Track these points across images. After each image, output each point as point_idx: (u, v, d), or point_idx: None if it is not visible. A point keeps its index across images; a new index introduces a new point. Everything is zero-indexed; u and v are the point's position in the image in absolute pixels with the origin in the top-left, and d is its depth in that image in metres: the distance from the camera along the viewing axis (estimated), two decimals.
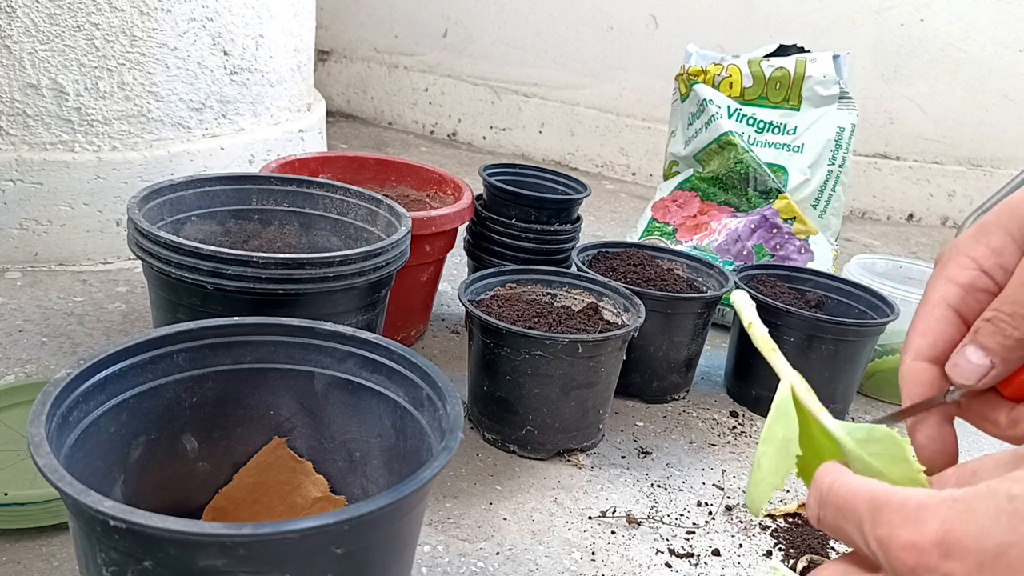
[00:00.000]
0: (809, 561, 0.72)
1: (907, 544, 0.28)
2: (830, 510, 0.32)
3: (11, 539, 0.64)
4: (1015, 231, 0.36)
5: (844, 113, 1.23)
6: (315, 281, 0.68)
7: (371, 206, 0.87)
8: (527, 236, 1.11)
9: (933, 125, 1.95)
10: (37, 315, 0.99)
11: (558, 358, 0.79)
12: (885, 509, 0.29)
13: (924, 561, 0.28)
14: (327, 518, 0.39)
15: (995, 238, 0.37)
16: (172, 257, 0.67)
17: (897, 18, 1.87)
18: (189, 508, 0.59)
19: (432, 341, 1.07)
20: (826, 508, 0.32)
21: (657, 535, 0.75)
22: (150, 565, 0.39)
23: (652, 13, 1.96)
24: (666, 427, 0.94)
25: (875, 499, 0.30)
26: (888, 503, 0.29)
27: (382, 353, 0.58)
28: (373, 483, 0.59)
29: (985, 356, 0.36)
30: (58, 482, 0.39)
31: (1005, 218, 0.36)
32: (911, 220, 2.02)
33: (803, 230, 1.21)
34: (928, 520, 0.28)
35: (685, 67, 1.28)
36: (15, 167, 1.06)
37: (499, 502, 0.77)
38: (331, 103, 2.27)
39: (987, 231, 0.37)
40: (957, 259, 0.38)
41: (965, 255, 0.37)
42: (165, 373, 0.55)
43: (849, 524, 0.31)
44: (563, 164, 2.11)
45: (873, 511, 0.30)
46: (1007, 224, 0.36)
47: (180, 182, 0.81)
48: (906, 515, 0.29)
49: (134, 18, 1.08)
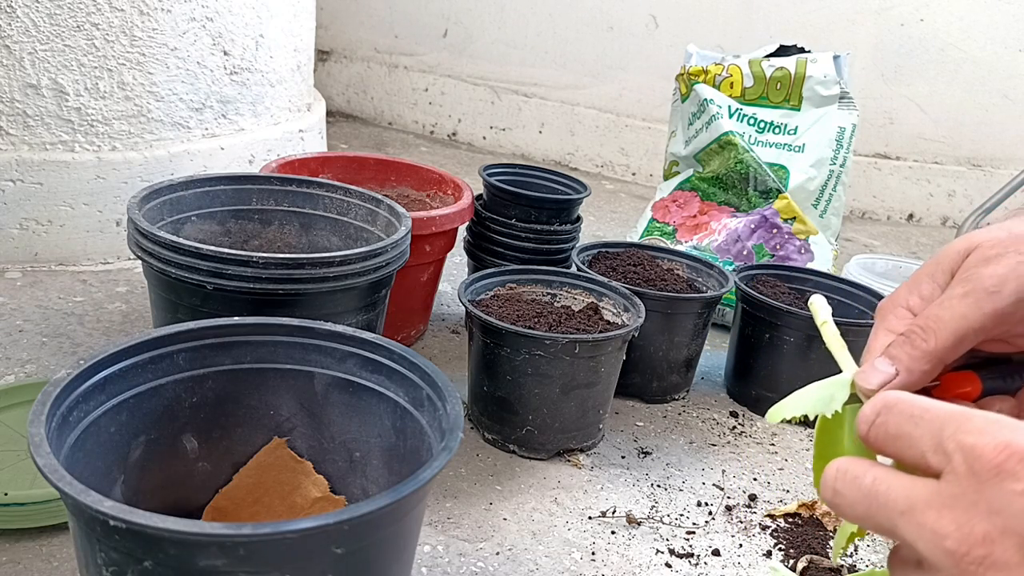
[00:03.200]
0: (809, 561, 0.72)
1: (992, 441, 0.28)
2: (895, 415, 0.32)
3: (11, 539, 0.64)
4: (940, 279, 0.40)
5: (844, 113, 1.23)
6: (315, 281, 0.68)
7: (371, 206, 0.87)
8: (527, 236, 1.11)
9: (933, 125, 1.95)
10: (37, 315, 0.99)
11: (558, 358, 0.79)
12: (973, 419, 0.30)
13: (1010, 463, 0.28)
14: (327, 518, 0.39)
15: (925, 287, 0.40)
16: (172, 257, 0.67)
17: (897, 18, 1.87)
18: (189, 508, 0.59)
19: (432, 341, 1.07)
20: (890, 413, 0.33)
21: (657, 535, 0.75)
22: (150, 565, 0.39)
23: (652, 13, 1.96)
24: (666, 427, 0.94)
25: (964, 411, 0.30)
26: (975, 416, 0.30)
27: (382, 353, 0.58)
28: (373, 483, 0.59)
29: (891, 365, 0.38)
30: (58, 482, 0.39)
31: (932, 267, 0.40)
32: (911, 220, 2.02)
33: (803, 230, 1.21)
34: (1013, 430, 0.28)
35: (685, 67, 1.28)
36: (15, 167, 1.06)
37: (499, 502, 0.77)
38: (331, 103, 2.27)
39: (919, 282, 0.41)
40: (895, 311, 0.41)
41: (900, 306, 0.41)
42: (165, 373, 0.55)
43: (922, 430, 0.31)
44: (563, 164, 2.11)
45: (961, 418, 0.30)
46: (933, 273, 0.40)
47: (180, 182, 0.81)
48: (1003, 424, 0.29)
49: (134, 18, 1.08)
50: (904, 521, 0.30)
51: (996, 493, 0.28)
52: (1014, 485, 0.27)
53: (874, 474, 0.32)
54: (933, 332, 0.38)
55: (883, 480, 0.31)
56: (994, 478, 0.28)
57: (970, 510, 0.28)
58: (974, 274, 0.38)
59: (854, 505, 0.32)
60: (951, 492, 0.29)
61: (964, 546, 0.28)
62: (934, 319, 0.38)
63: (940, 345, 0.38)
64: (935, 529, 0.29)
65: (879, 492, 0.31)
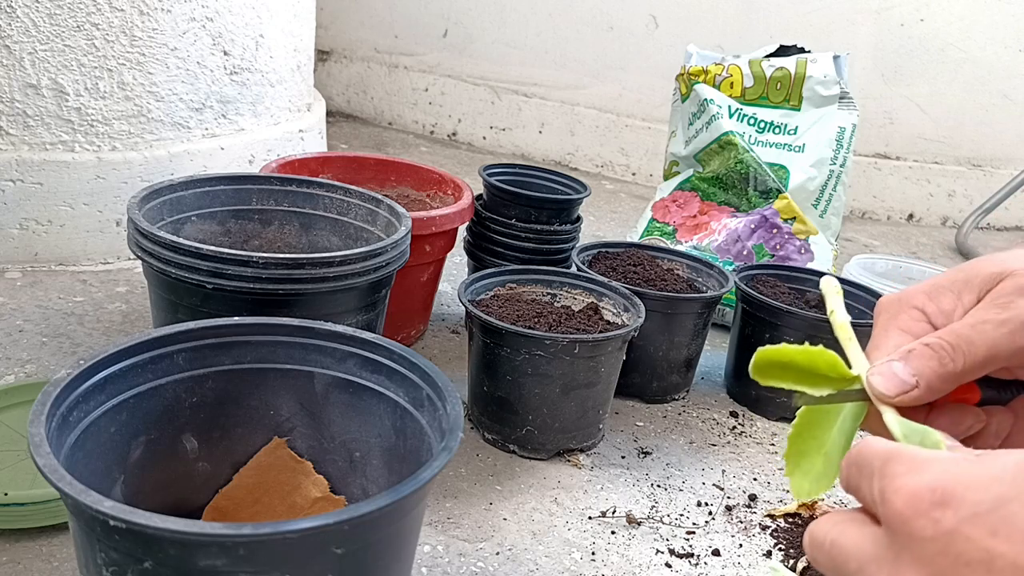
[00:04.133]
0: (809, 561, 0.72)
1: (900, 488, 0.28)
2: (852, 468, 0.32)
3: (11, 539, 0.64)
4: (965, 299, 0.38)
5: (845, 113, 1.23)
6: (315, 281, 0.68)
7: (371, 206, 0.87)
8: (527, 236, 1.11)
9: (933, 125, 1.95)
10: (37, 315, 0.99)
11: (558, 358, 0.79)
12: (894, 461, 0.30)
13: (915, 506, 0.28)
14: (327, 518, 0.39)
15: (946, 301, 0.39)
16: (172, 257, 0.67)
17: (897, 18, 1.87)
18: (189, 508, 0.59)
19: (432, 341, 1.07)
20: (850, 467, 0.33)
21: (657, 535, 0.75)
22: (150, 565, 0.39)
23: (652, 13, 1.96)
24: (666, 427, 0.94)
25: (889, 453, 0.30)
26: (899, 456, 0.30)
27: (382, 353, 0.58)
28: (373, 483, 0.59)
29: (912, 376, 0.37)
30: (58, 482, 0.39)
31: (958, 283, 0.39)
32: (911, 220, 2.02)
33: (803, 230, 1.21)
34: (929, 470, 0.28)
35: (686, 67, 1.28)
36: (15, 167, 1.06)
37: (499, 502, 0.77)
38: (331, 103, 2.27)
39: (939, 292, 0.39)
40: (909, 311, 0.39)
41: (917, 309, 0.39)
42: (165, 373, 0.55)
43: (863, 478, 0.31)
44: (563, 164, 2.11)
45: (884, 463, 0.30)
46: (960, 290, 0.38)
47: (180, 182, 0.81)
48: (910, 466, 0.29)
49: (134, 18, 1.08)
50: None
51: (911, 541, 0.28)
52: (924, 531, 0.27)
53: (831, 537, 0.32)
54: (963, 355, 0.36)
55: (836, 542, 0.32)
56: (904, 527, 0.28)
57: (896, 562, 0.28)
58: (1012, 303, 0.36)
59: (826, 568, 0.33)
60: (885, 543, 0.29)
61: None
62: (966, 341, 0.36)
63: (966, 368, 0.36)
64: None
65: (835, 556, 0.32)
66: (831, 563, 0.32)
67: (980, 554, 0.26)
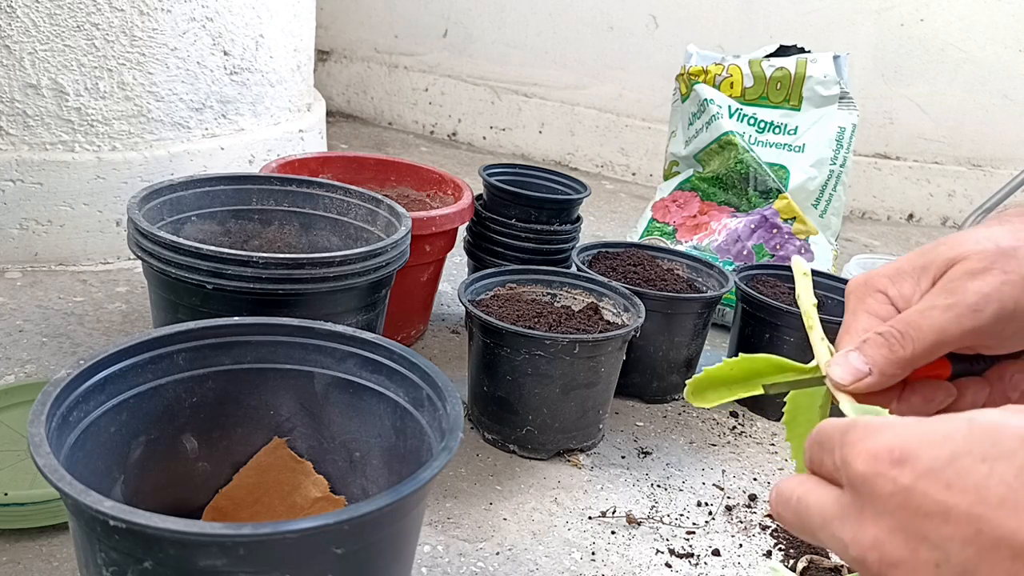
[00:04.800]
0: (809, 561, 0.72)
1: (861, 451, 0.30)
2: (814, 446, 0.34)
3: (11, 539, 0.64)
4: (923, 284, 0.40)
5: (844, 113, 1.23)
6: (315, 281, 0.68)
7: (371, 206, 0.86)
8: (527, 236, 1.11)
9: (933, 125, 1.95)
10: (37, 315, 0.99)
11: (558, 358, 0.79)
12: (852, 430, 0.31)
13: (874, 467, 0.29)
14: (327, 518, 0.39)
15: (906, 286, 0.41)
16: (172, 257, 0.67)
17: (897, 18, 1.87)
18: (189, 508, 0.59)
19: (432, 341, 1.07)
20: (812, 445, 0.34)
21: (657, 535, 0.75)
22: (150, 565, 0.39)
23: (652, 13, 1.96)
24: (666, 427, 0.94)
25: (847, 424, 0.32)
26: (856, 425, 0.31)
27: (382, 353, 0.58)
28: (373, 483, 0.59)
29: (865, 364, 0.39)
30: (58, 482, 0.39)
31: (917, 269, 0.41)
32: (911, 220, 2.02)
33: (803, 230, 1.21)
34: (886, 433, 0.30)
35: (686, 67, 1.28)
36: (15, 167, 1.06)
37: (499, 502, 0.77)
38: (331, 103, 2.27)
39: (902, 276, 0.41)
40: (875, 295, 0.41)
41: (882, 292, 0.41)
42: (165, 373, 0.55)
43: (825, 452, 0.33)
44: (563, 164, 2.11)
45: (843, 434, 0.32)
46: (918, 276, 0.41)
47: (180, 182, 0.81)
48: (868, 432, 0.31)
49: (134, 18, 1.08)
50: (822, 535, 0.32)
51: (872, 498, 0.29)
52: (884, 487, 0.29)
53: (798, 494, 0.33)
54: (911, 340, 0.38)
55: (803, 499, 0.33)
56: (865, 485, 0.30)
57: (859, 517, 0.30)
58: (959, 287, 0.38)
59: (791, 524, 0.34)
60: (845, 502, 0.31)
61: (861, 552, 0.30)
62: (914, 327, 0.38)
63: (916, 354, 0.39)
64: (840, 539, 0.31)
65: (801, 512, 0.33)
66: (796, 518, 0.33)
67: (937, 506, 0.27)
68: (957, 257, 0.39)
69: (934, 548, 0.27)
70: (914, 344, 0.38)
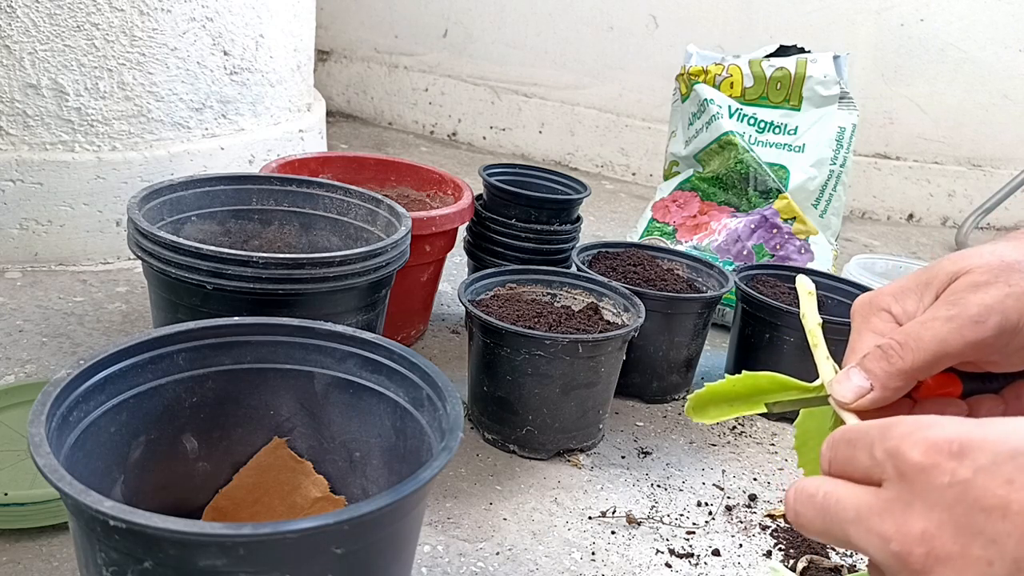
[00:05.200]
0: (809, 561, 0.72)
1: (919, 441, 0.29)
2: (840, 444, 0.33)
3: (11, 539, 0.64)
4: (926, 299, 0.40)
5: (845, 113, 1.23)
6: (315, 281, 0.68)
7: (371, 206, 0.87)
8: (527, 236, 1.11)
9: (933, 125, 1.95)
10: (37, 315, 0.99)
11: (558, 358, 0.79)
12: (897, 425, 0.31)
13: (933, 457, 0.29)
14: (327, 518, 0.39)
15: (910, 302, 0.40)
16: (172, 257, 0.67)
17: (897, 18, 1.87)
18: (189, 508, 0.59)
19: (432, 341, 1.07)
20: (836, 444, 0.33)
21: (657, 535, 0.75)
22: (150, 565, 0.39)
23: (652, 13, 1.96)
24: (666, 427, 0.94)
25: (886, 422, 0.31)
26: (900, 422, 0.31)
27: (382, 353, 0.58)
28: (373, 483, 0.59)
29: (866, 379, 0.39)
30: (58, 482, 0.39)
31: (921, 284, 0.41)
32: (911, 220, 2.02)
33: (803, 230, 1.21)
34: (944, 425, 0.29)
35: (686, 67, 1.28)
36: (15, 167, 1.06)
37: (499, 502, 0.77)
38: (331, 103, 2.27)
39: (906, 293, 0.41)
40: (879, 314, 0.41)
41: (887, 311, 0.41)
42: (165, 373, 0.55)
43: (859, 450, 0.32)
44: (563, 164, 2.11)
45: (884, 429, 0.31)
46: (922, 291, 0.40)
47: (180, 182, 0.81)
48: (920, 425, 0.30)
49: (134, 18, 1.08)
50: (854, 530, 0.31)
51: (926, 490, 0.29)
52: (941, 479, 0.28)
53: (824, 489, 0.33)
54: (911, 351, 0.38)
55: (832, 494, 0.32)
56: (921, 476, 0.29)
57: (906, 511, 0.29)
58: (961, 299, 0.38)
59: (812, 522, 0.33)
60: (888, 496, 0.30)
61: (906, 546, 0.29)
62: (914, 338, 0.38)
63: (915, 365, 0.38)
64: (880, 533, 0.30)
65: (829, 506, 0.32)
66: (822, 514, 0.32)
67: (996, 501, 0.27)
68: (961, 271, 0.39)
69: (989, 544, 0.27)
70: (914, 355, 0.38)
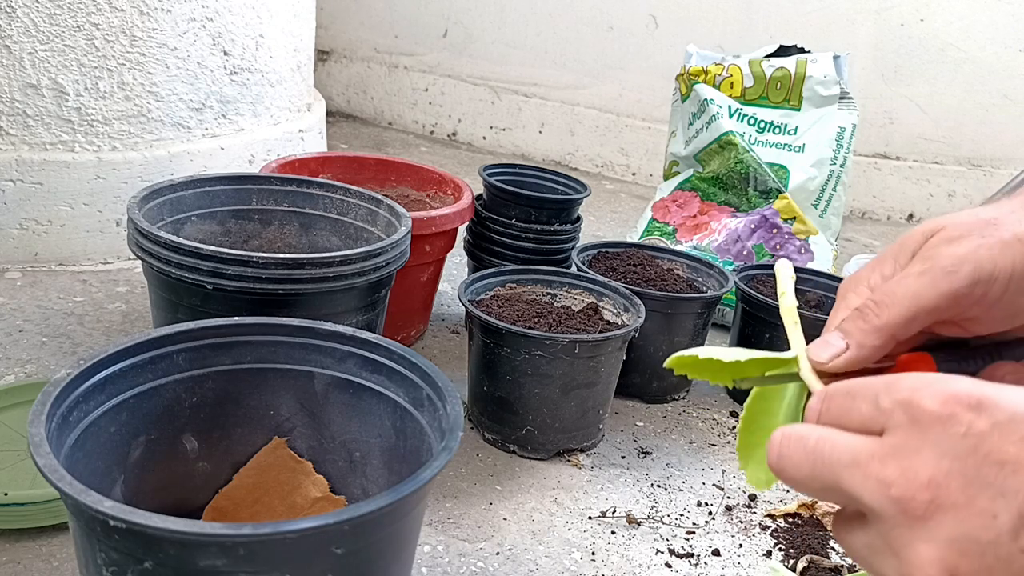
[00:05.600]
0: (809, 561, 0.72)
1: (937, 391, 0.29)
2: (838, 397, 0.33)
3: (11, 539, 0.64)
4: (902, 260, 0.40)
5: (845, 113, 1.23)
6: (315, 281, 0.68)
7: (371, 206, 0.87)
8: (527, 236, 1.11)
9: (933, 125, 1.95)
10: (37, 315, 0.99)
11: (558, 358, 0.79)
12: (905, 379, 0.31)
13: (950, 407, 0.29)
14: (327, 518, 0.39)
15: (887, 267, 0.40)
16: (172, 257, 0.67)
17: (897, 18, 1.87)
18: (189, 508, 0.59)
19: (432, 341, 1.07)
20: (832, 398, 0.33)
21: (657, 535, 0.75)
22: (150, 565, 0.39)
23: (652, 13, 1.96)
24: (666, 427, 0.94)
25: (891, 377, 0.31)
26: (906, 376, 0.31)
27: (382, 353, 0.58)
28: (373, 483, 0.59)
29: (842, 339, 0.39)
30: (58, 482, 0.39)
31: (896, 248, 0.41)
32: (911, 220, 2.02)
33: (803, 230, 1.21)
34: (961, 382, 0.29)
35: (686, 67, 1.28)
36: (15, 167, 1.06)
37: (499, 502, 0.77)
38: (331, 103, 2.27)
39: (883, 262, 0.41)
40: (856, 288, 0.41)
41: (862, 284, 0.41)
42: (165, 373, 0.55)
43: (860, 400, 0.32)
44: (563, 164, 2.11)
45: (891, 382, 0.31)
46: (897, 254, 0.40)
47: (180, 182, 0.81)
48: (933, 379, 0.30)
49: (134, 18, 1.08)
50: (848, 474, 0.30)
51: (940, 438, 0.28)
52: (956, 428, 0.28)
53: (819, 434, 0.32)
54: (886, 307, 0.38)
55: (827, 439, 0.32)
56: (937, 425, 0.29)
57: (914, 457, 0.29)
58: (934, 253, 0.38)
59: (799, 466, 0.32)
60: (894, 443, 0.30)
61: (909, 491, 0.28)
62: (888, 294, 0.38)
63: (891, 320, 0.38)
64: (880, 478, 0.29)
65: (823, 450, 0.32)
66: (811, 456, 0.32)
67: (1010, 456, 0.27)
68: (934, 229, 0.39)
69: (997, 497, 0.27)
70: (888, 311, 0.37)
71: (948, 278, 0.37)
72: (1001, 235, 0.37)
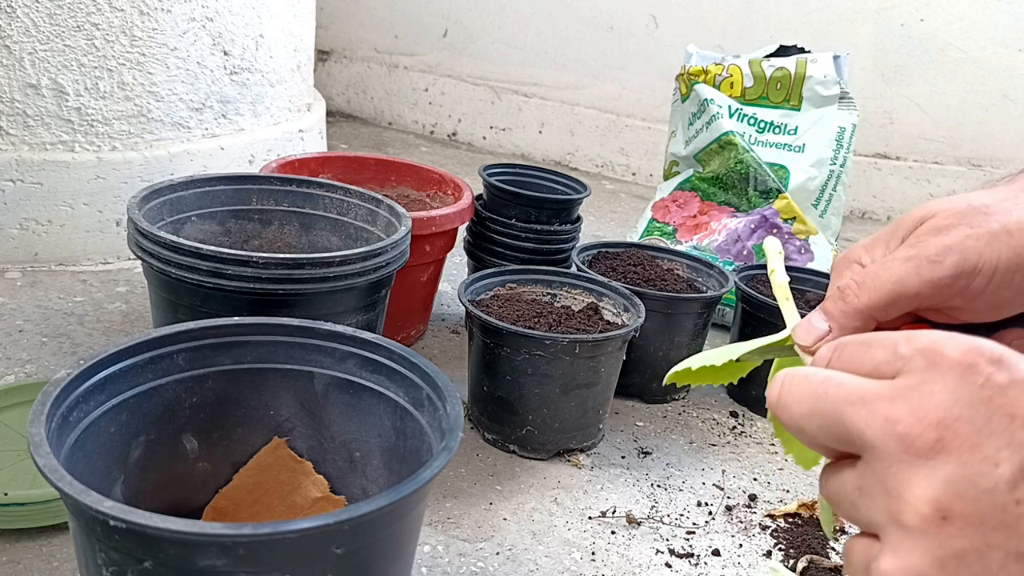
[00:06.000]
0: (809, 561, 0.72)
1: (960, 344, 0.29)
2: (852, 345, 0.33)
3: (11, 539, 0.64)
4: (893, 245, 0.40)
5: (845, 113, 1.23)
6: (315, 281, 0.68)
7: (371, 206, 0.87)
8: (527, 236, 1.11)
9: (933, 125, 1.95)
10: (37, 315, 0.99)
11: (558, 358, 0.79)
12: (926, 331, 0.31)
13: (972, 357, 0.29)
14: (327, 518, 0.39)
15: (878, 250, 0.41)
16: (172, 257, 0.67)
17: (897, 18, 1.87)
18: (189, 508, 0.59)
19: (432, 341, 1.07)
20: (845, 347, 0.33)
21: (657, 535, 0.75)
22: (150, 565, 0.39)
23: (652, 13, 1.96)
24: (666, 427, 0.94)
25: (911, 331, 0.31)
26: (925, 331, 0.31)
27: (382, 353, 0.58)
28: (373, 483, 0.59)
29: (824, 320, 0.39)
30: (58, 482, 0.39)
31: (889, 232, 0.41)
32: None
33: (803, 230, 1.21)
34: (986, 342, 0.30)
35: (686, 67, 1.28)
36: (15, 167, 1.06)
37: (499, 502, 0.77)
38: (331, 103, 2.27)
39: (875, 244, 0.41)
40: (850, 267, 0.41)
41: (856, 262, 0.41)
42: (165, 373, 0.55)
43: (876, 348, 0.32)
44: (563, 164, 2.11)
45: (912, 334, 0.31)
46: (888, 239, 0.41)
47: (180, 182, 0.81)
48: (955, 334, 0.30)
49: (134, 18, 1.08)
50: (853, 410, 0.30)
51: (956, 384, 0.29)
52: (975, 378, 0.28)
53: (826, 374, 0.32)
54: (867, 290, 0.38)
55: (833, 378, 0.32)
56: (955, 370, 0.29)
57: (926, 399, 0.29)
58: (922, 241, 0.38)
59: (800, 401, 0.32)
60: (907, 384, 0.30)
61: (917, 428, 0.29)
62: (872, 277, 0.38)
63: (871, 302, 0.38)
64: (887, 415, 0.29)
65: (828, 388, 0.32)
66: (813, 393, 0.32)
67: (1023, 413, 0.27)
68: (926, 215, 0.39)
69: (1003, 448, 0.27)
70: (870, 293, 0.38)
71: (932, 267, 0.37)
72: (990, 226, 0.37)
